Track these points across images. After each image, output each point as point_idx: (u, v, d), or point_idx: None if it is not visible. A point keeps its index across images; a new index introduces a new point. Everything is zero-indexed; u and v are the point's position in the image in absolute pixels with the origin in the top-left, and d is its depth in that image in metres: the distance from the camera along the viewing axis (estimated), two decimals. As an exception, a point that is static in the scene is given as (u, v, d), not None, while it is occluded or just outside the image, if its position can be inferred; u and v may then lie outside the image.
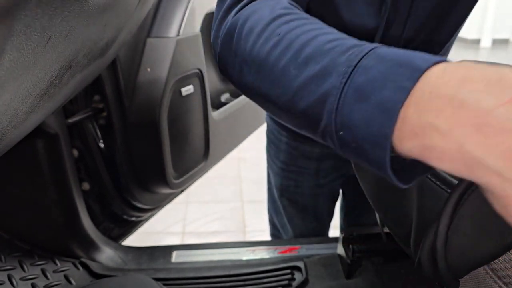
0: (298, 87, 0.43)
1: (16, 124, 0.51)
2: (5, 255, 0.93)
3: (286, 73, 0.44)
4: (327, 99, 0.39)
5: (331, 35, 0.43)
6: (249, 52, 0.49)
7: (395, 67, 0.35)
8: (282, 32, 0.46)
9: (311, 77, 0.41)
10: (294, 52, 0.44)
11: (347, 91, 0.37)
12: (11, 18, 0.35)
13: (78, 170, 0.98)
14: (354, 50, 0.39)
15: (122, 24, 0.65)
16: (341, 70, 0.38)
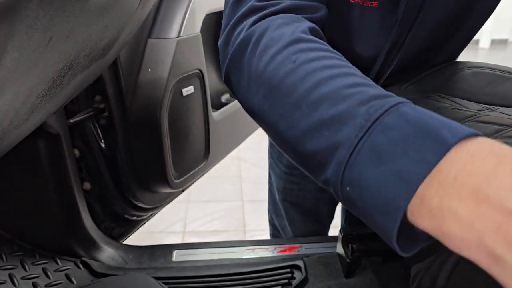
0: (307, 128, 0.40)
1: (17, 124, 0.52)
2: (6, 255, 0.93)
3: (297, 109, 0.41)
4: (338, 150, 0.36)
5: (351, 78, 0.40)
6: (261, 72, 0.46)
7: (420, 134, 0.32)
8: (299, 60, 0.43)
9: (324, 120, 0.38)
10: (308, 88, 0.40)
11: (362, 147, 0.35)
12: (12, 18, 0.35)
13: (79, 170, 0.98)
14: (376, 102, 0.36)
15: (123, 25, 0.65)
16: (359, 123, 0.35)
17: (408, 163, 0.31)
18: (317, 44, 0.46)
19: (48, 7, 0.39)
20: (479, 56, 6.20)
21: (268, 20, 0.50)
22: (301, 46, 0.45)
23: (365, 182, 0.34)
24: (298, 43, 0.45)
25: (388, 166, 0.32)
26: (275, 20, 0.49)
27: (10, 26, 0.36)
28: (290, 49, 0.45)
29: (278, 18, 0.50)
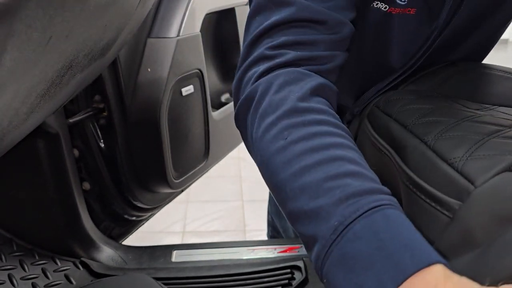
0: (292, 211, 0.41)
1: (17, 124, 0.52)
2: (5, 255, 0.93)
3: (282, 190, 0.42)
4: (316, 243, 0.38)
5: (336, 165, 0.40)
6: (258, 140, 0.47)
7: (383, 254, 0.34)
8: (289, 138, 0.43)
9: (305, 211, 0.39)
10: (293, 173, 0.41)
11: (333, 250, 0.36)
12: (12, 18, 0.35)
13: (79, 170, 0.98)
14: (353, 202, 0.37)
15: (123, 25, 0.65)
16: (333, 224, 0.37)
17: (368, 281, 0.33)
18: (312, 115, 0.46)
19: (47, 7, 0.39)
20: (479, 56, 6.21)
21: (271, 76, 0.50)
22: (295, 120, 0.45)
23: (334, 283, 0.36)
24: (293, 116, 0.46)
25: (353, 278, 0.34)
26: (278, 78, 0.49)
27: (10, 26, 0.35)
28: (284, 123, 0.45)
29: (282, 75, 0.49)
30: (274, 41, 0.52)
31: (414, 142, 0.50)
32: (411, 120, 0.53)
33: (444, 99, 0.58)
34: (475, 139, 0.45)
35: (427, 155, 0.47)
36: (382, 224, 0.36)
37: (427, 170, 0.46)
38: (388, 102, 0.61)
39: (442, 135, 0.48)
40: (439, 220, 0.43)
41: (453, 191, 0.42)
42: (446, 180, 0.44)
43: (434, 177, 0.45)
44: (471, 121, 0.50)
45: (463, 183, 0.42)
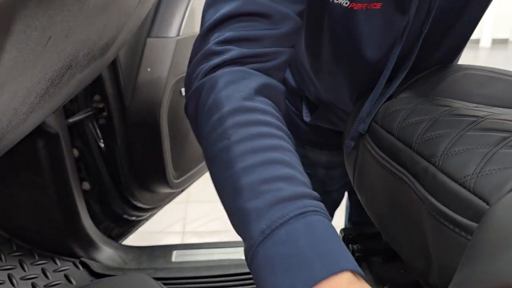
0: (228, 209, 0.45)
1: (16, 124, 0.52)
2: (5, 255, 0.93)
3: (224, 188, 0.45)
4: (246, 241, 0.41)
5: (273, 169, 0.43)
6: (205, 137, 0.49)
7: (298, 260, 0.37)
8: (233, 138, 0.45)
9: (240, 210, 0.42)
10: (234, 173, 0.44)
11: (259, 252, 0.39)
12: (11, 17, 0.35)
13: (79, 170, 0.98)
14: (280, 208, 0.40)
15: (122, 24, 0.65)
16: (261, 227, 0.39)
17: (283, 283, 0.36)
18: (255, 115, 0.47)
19: (47, 7, 0.39)
20: (480, 55, 6.21)
21: (217, 74, 0.51)
22: (239, 120, 0.47)
23: (258, 281, 0.39)
24: (237, 115, 0.47)
25: (272, 277, 0.37)
26: (223, 77, 0.50)
27: (9, 26, 0.35)
28: (228, 122, 0.47)
29: (227, 74, 0.51)
30: (221, 36, 0.53)
31: (423, 165, 0.50)
32: (415, 139, 0.53)
33: (441, 105, 0.57)
34: (482, 153, 0.44)
35: (439, 177, 0.47)
36: (302, 231, 0.38)
37: (442, 193, 0.46)
38: (386, 116, 0.61)
39: (448, 153, 0.47)
40: (461, 244, 0.42)
41: (470, 213, 0.42)
42: (461, 201, 0.43)
43: (450, 200, 0.44)
44: (473, 129, 0.49)
45: (478, 203, 0.41)
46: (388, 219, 0.64)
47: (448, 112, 0.54)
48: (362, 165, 0.68)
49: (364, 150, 0.65)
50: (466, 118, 0.51)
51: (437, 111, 0.55)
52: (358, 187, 0.72)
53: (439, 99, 0.60)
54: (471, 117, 0.51)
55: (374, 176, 0.63)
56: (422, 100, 0.60)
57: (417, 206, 0.51)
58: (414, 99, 0.61)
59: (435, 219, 0.46)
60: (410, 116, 0.57)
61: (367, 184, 0.69)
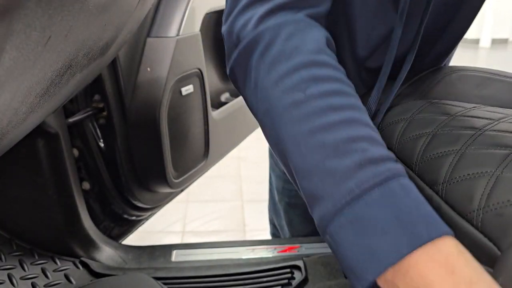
0: (300, 168, 0.42)
1: (16, 124, 0.51)
2: (5, 254, 0.93)
3: (295, 145, 0.42)
4: (325, 202, 0.39)
5: (356, 128, 0.41)
6: (268, 89, 0.46)
7: (400, 222, 0.35)
8: (308, 92, 0.43)
9: (318, 169, 0.40)
10: (311, 129, 0.41)
11: (346, 212, 0.37)
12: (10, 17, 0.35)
13: (78, 170, 0.98)
14: (371, 168, 0.38)
15: (122, 24, 0.65)
16: (349, 187, 0.38)
17: (384, 245, 0.35)
18: (329, 70, 0.46)
19: (47, 6, 0.39)
20: (480, 55, 6.21)
21: (278, 24, 0.48)
22: (314, 73, 0.45)
23: (342, 245, 0.37)
24: (311, 68, 0.45)
25: (365, 240, 0.36)
26: (286, 27, 0.48)
27: (9, 25, 0.35)
28: (302, 73, 0.44)
29: (289, 23, 0.49)
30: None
31: (427, 193, 0.48)
32: (414, 160, 0.52)
33: (439, 112, 0.56)
34: (485, 181, 0.42)
35: (445, 210, 0.45)
36: (399, 194, 0.37)
37: (452, 229, 0.43)
38: (384, 128, 0.60)
39: (450, 181, 0.46)
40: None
41: (483, 255, 0.40)
42: (471, 241, 0.41)
43: (459, 237, 0.42)
44: (473, 145, 0.47)
45: (489, 246, 0.40)
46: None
47: (446, 122, 0.53)
48: None
49: None
50: (465, 132, 0.50)
51: (434, 122, 0.54)
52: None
53: (437, 104, 0.59)
54: (470, 130, 0.50)
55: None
56: (419, 107, 0.59)
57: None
58: (411, 106, 0.61)
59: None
60: (408, 129, 0.56)
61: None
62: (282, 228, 1.14)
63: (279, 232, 1.18)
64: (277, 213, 1.13)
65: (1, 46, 0.36)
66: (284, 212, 1.09)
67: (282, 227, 1.13)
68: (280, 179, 1.05)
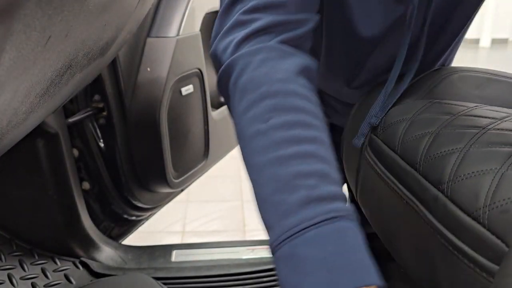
0: (257, 194, 0.44)
1: (16, 124, 0.52)
2: (5, 255, 0.93)
3: (256, 172, 0.45)
4: (271, 232, 0.40)
5: (310, 163, 0.42)
6: (239, 115, 0.49)
7: (324, 266, 0.36)
8: (270, 122, 0.45)
9: (269, 200, 0.42)
10: (268, 161, 0.43)
11: (283, 246, 0.39)
12: (10, 17, 0.35)
13: (78, 170, 0.98)
14: (312, 207, 0.39)
15: (122, 24, 0.65)
16: (290, 223, 0.39)
17: (304, 285, 0.36)
18: (296, 100, 0.47)
19: (46, 7, 0.39)
20: (480, 55, 6.21)
21: (252, 50, 0.50)
22: (278, 103, 0.46)
23: (279, 275, 0.39)
24: (276, 97, 0.46)
25: (294, 277, 0.37)
26: (259, 53, 0.49)
27: (9, 25, 0.35)
28: (267, 103, 0.46)
29: (263, 50, 0.50)
30: (246, 6, 0.52)
31: (433, 193, 0.48)
32: (418, 159, 0.52)
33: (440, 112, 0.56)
34: (489, 179, 0.42)
35: (450, 208, 0.45)
36: (333, 238, 0.38)
37: (458, 227, 0.44)
38: (385, 128, 0.60)
39: (455, 179, 0.46)
40: (482, 285, 0.41)
41: (489, 252, 0.40)
42: (479, 239, 0.41)
43: (468, 237, 0.43)
44: (476, 144, 0.47)
45: (496, 243, 0.39)
46: (394, 238, 0.63)
47: (449, 122, 0.53)
48: (365, 179, 0.67)
49: (366, 165, 0.64)
50: (468, 130, 0.49)
51: (437, 122, 0.54)
52: (361, 201, 0.72)
53: (439, 104, 0.59)
54: (473, 129, 0.49)
55: (379, 193, 0.62)
56: (420, 107, 0.59)
57: (428, 235, 0.49)
58: (412, 106, 0.61)
59: (451, 253, 0.45)
60: (410, 129, 0.56)
61: (371, 199, 0.68)
62: None
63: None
64: None
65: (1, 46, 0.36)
66: None
67: None
68: None
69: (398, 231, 0.60)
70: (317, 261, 0.37)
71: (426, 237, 0.50)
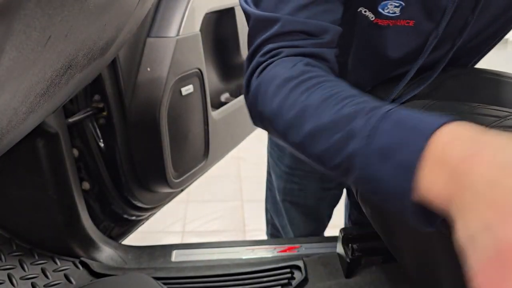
0: (324, 150, 0.48)
1: (16, 124, 0.52)
2: (5, 255, 0.93)
3: (312, 139, 0.48)
4: (353, 160, 0.44)
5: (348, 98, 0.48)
6: (274, 114, 0.53)
7: (408, 132, 0.41)
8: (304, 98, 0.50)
9: (337, 141, 0.46)
10: (317, 118, 0.48)
11: (370, 152, 0.43)
12: (10, 17, 0.35)
13: (78, 170, 0.98)
14: (372, 113, 0.44)
15: (122, 24, 0.65)
16: (364, 134, 0.43)
17: (405, 156, 0.40)
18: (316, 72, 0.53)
19: (46, 7, 0.39)
20: (479, 55, 6.20)
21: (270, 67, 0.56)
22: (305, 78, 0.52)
23: (378, 177, 0.42)
24: (301, 76, 0.52)
25: (392, 161, 0.41)
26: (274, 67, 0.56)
27: (9, 25, 0.35)
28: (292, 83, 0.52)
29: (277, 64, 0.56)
30: (263, 50, 0.58)
31: None
32: None
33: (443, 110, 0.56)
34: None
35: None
36: (400, 116, 0.43)
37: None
38: None
39: None
40: None
41: None
42: None
43: None
44: (468, 113, 0.48)
45: None
46: (394, 236, 0.64)
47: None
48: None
49: None
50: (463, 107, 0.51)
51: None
52: (362, 199, 0.72)
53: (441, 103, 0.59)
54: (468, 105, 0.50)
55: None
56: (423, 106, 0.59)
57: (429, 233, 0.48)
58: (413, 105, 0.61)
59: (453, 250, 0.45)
60: None
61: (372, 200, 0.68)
62: (283, 227, 1.14)
63: (279, 233, 1.18)
64: (278, 213, 1.13)
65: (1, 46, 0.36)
66: (285, 211, 1.09)
67: (284, 226, 1.13)
68: (282, 179, 1.05)
69: (399, 230, 0.60)
70: (402, 132, 0.41)
71: (427, 235, 0.50)
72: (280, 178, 1.06)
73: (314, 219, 1.10)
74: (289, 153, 1.01)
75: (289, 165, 1.02)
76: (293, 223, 1.10)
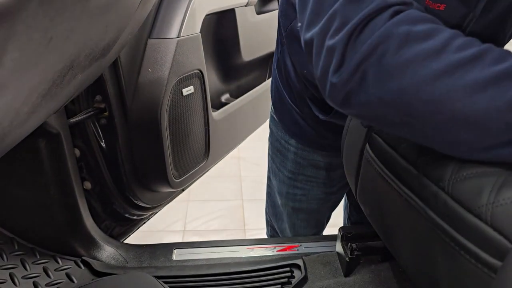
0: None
1: (18, 124, 0.52)
2: (7, 254, 0.93)
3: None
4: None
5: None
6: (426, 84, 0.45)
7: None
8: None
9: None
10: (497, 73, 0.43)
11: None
12: (12, 18, 0.35)
13: (80, 169, 0.98)
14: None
15: (124, 25, 0.65)
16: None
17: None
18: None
19: (48, 8, 0.39)
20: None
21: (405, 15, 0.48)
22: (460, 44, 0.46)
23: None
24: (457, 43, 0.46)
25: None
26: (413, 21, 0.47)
27: (11, 27, 0.36)
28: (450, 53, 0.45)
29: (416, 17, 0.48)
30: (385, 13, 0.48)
31: (432, 190, 0.48)
32: (418, 158, 0.52)
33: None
34: (494, 177, 0.43)
35: (450, 205, 0.45)
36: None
37: (460, 224, 0.44)
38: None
39: (457, 177, 0.46)
40: (483, 280, 0.41)
41: (493, 250, 0.40)
42: (482, 235, 0.41)
43: (470, 233, 0.43)
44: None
45: (499, 240, 0.40)
46: (394, 236, 0.64)
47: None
48: (365, 178, 0.67)
49: (367, 163, 0.65)
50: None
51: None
52: (361, 199, 0.72)
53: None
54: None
55: (379, 191, 0.62)
56: None
57: (428, 232, 0.49)
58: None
59: (453, 249, 0.45)
60: None
61: (371, 198, 0.68)
62: (283, 231, 1.14)
63: (277, 234, 1.18)
64: (278, 217, 1.13)
65: (3, 47, 0.36)
66: (287, 216, 1.09)
67: (283, 230, 1.14)
68: (284, 184, 1.05)
69: (398, 229, 0.61)
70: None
71: (426, 235, 0.50)
72: (282, 183, 1.06)
73: (315, 223, 1.10)
74: (292, 158, 1.01)
75: (291, 171, 1.02)
76: (293, 227, 1.11)
